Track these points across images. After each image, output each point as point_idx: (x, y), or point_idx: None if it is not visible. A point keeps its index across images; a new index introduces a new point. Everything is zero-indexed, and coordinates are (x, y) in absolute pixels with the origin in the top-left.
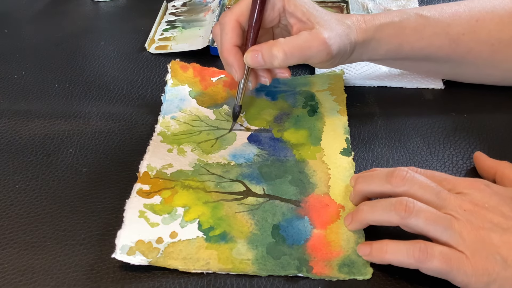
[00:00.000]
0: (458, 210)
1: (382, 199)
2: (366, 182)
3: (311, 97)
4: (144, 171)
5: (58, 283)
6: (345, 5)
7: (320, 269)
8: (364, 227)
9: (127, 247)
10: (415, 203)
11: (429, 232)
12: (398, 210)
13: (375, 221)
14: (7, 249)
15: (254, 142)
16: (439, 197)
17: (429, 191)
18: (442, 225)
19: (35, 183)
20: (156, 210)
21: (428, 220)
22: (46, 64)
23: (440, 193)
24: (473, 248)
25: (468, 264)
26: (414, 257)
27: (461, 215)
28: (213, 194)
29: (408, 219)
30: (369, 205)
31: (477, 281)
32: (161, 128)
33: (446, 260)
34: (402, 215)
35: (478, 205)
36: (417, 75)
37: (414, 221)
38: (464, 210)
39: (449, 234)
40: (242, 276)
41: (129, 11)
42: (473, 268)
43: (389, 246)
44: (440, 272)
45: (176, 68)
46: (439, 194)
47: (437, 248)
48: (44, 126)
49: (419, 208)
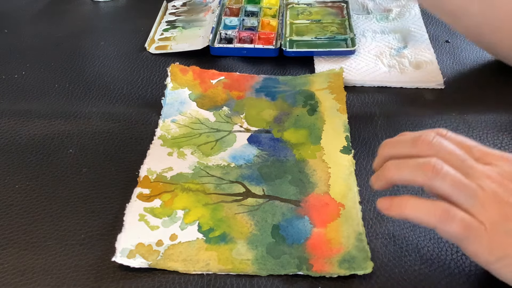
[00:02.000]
0: (486, 180)
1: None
2: (392, 146)
3: (310, 96)
4: (144, 175)
5: (58, 283)
6: (345, 5)
7: (320, 266)
8: (389, 187)
9: (127, 250)
10: (443, 165)
11: (453, 197)
12: (425, 170)
13: (401, 180)
14: (7, 249)
15: (254, 143)
16: (465, 165)
17: (455, 157)
18: (467, 192)
19: (35, 183)
20: (156, 213)
21: (454, 184)
22: (46, 64)
23: (466, 161)
24: (493, 220)
25: (486, 235)
26: (436, 216)
27: (488, 185)
28: (212, 196)
29: (434, 180)
30: (395, 163)
31: (490, 253)
32: (162, 132)
33: (465, 226)
34: (429, 175)
35: (506, 178)
36: (417, 75)
37: (440, 183)
38: (492, 181)
39: (472, 202)
40: (242, 276)
41: (129, 11)
42: (489, 241)
43: (410, 201)
44: (456, 237)
45: (176, 71)
46: (465, 162)
47: (459, 213)
48: (44, 126)
49: (447, 171)
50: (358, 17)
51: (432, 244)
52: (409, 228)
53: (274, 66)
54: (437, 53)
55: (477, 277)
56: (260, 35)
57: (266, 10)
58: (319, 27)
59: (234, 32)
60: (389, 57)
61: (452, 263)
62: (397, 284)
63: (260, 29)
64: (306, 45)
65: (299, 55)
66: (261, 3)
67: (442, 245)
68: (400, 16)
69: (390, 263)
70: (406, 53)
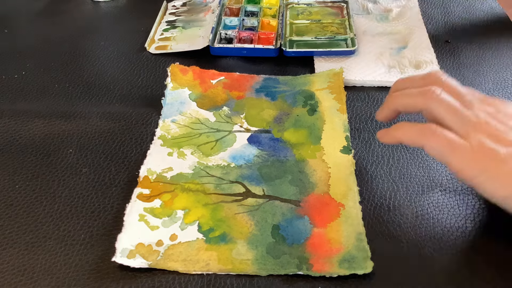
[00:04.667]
0: (481, 111)
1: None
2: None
3: (310, 96)
4: (144, 175)
5: (58, 283)
6: (345, 5)
7: (320, 266)
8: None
9: (127, 250)
10: (443, 92)
11: (445, 120)
12: (424, 94)
13: (403, 105)
14: (7, 249)
15: (254, 143)
16: (465, 99)
17: (458, 92)
18: (460, 117)
19: (35, 183)
20: (156, 214)
21: (449, 108)
22: (46, 64)
23: (467, 96)
24: (479, 140)
25: (470, 151)
26: (424, 134)
27: (482, 116)
28: (212, 196)
29: (431, 103)
30: (401, 92)
31: (472, 167)
32: (162, 132)
33: (449, 141)
34: (427, 98)
35: (500, 113)
36: None
37: (436, 106)
38: (486, 113)
39: (463, 125)
40: (242, 276)
41: (129, 11)
42: (473, 156)
43: (402, 124)
44: (441, 152)
45: (176, 71)
46: (466, 96)
47: (445, 131)
48: (44, 126)
49: (444, 97)
50: (358, 17)
51: (432, 244)
52: (409, 228)
53: (274, 66)
54: (437, 53)
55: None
56: (260, 35)
57: (266, 10)
58: (319, 27)
59: (234, 32)
60: (389, 57)
61: (452, 263)
62: (397, 284)
63: (260, 29)
64: (306, 45)
65: (299, 55)
66: (261, 3)
67: (442, 244)
68: (400, 16)
69: (390, 263)
70: (406, 53)
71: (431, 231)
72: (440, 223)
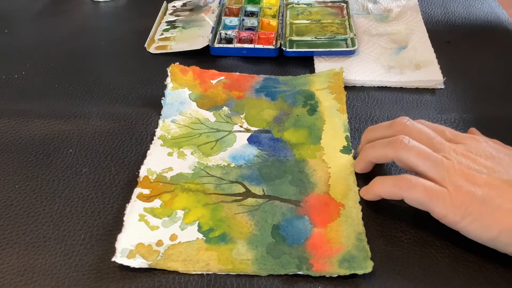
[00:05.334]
0: (451, 152)
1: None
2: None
3: (310, 96)
4: (144, 175)
5: (58, 283)
6: (345, 5)
7: (320, 266)
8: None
9: (127, 250)
10: (410, 140)
11: (419, 167)
12: (393, 144)
13: (375, 157)
14: (7, 249)
15: (254, 143)
16: (435, 141)
17: (426, 136)
18: (432, 161)
19: (35, 183)
20: (156, 214)
21: (419, 154)
22: (46, 64)
23: (436, 138)
24: (456, 183)
25: (449, 197)
26: (400, 186)
27: (453, 156)
28: (212, 196)
29: (401, 152)
30: (370, 144)
31: (454, 213)
32: (161, 132)
33: (427, 191)
34: (396, 148)
35: (471, 152)
36: (417, 75)
37: (406, 154)
38: (457, 154)
39: (437, 170)
40: (242, 276)
41: (129, 11)
42: (452, 201)
43: (377, 180)
44: (421, 202)
45: (176, 71)
46: (435, 139)
47: (421, 180)
48: (44, 126)
49: (413, 144)
50: (358, 17)
51: (432, 244)
52: (409, 228)
53: (274, 66)
54: (437, 53)
55: (477, 277)
56: (260, 35)
57: (266, 10)
58: (319, 27)
59: (234, 32)
60: (389, 57)
61: (452, 263)
62: (397, 284)
63: (260, 29)
64: (306, 45)
65: (299, 55)
66: (261, 3)
67: (442, 244)
68: (400, 16)
69: (390, 263)
70: (406, 53)
71: (431, 231)
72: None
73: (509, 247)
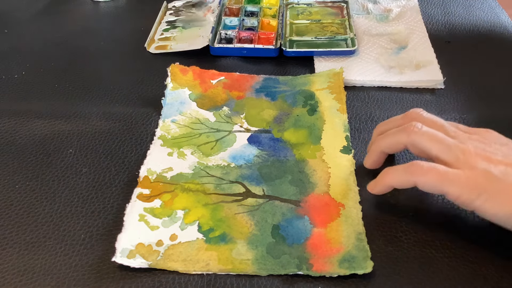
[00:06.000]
0: (466, 139)
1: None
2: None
3: (310, 96)
4: (144, 175)
5: (58, 283)
6: (345, 5)
7: (320, 266)
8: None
9: (127, 250)
10: (423, 126)
11: (432, 150)
12: (406, 130)
13: (388, 145)
14: (7, 249)
15: (254, 143)
16: (449, 130)
17: (439, 124)
18: (445, 145)
19: (35, 183)
20: (156, 214)
21: (433, 138)
22: (46, 64)
23: (450, 128)
24: (471, 164)
25: (464, 177)
26: (412, 173)
27: (468, 142)
28: (212, 196)
29: (414, 137)
30: (381, 135)
31: (470, 192)
32: (162, 132)
33: (440, 174)
34: (409, 132)
35: (486, 139)
36: (417, 75)
37: (420, 139)
38: (472, 140)
39: (451, 153)
40: (242, 276)
41: (129, 11)
42: (467, 181)
43: (388, 170)
44: (435, 186)
45: (176, 71)
46: (449, 128)
47: (433, 165)
48: (44, 126)
49: (426, 129)
50: (358, 17)
51: (432, 244)
52: (409, 228)
53: (274, 66)
54: (437, 53)
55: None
56: (260, 35)
57: (266, 10)
58: (319, 27)
59: (234, 32)
60: (389, 57)
61: (452, 263)
62: (397, 284)
63: (260, 29)
64: (306, 45)
65: (299, 55)
66: (261, 3)
67: (442, 244)
68: (400, 16)
69: (390, 263)
70: (406, 53)
71: (431, 231)
72: (440, 223)
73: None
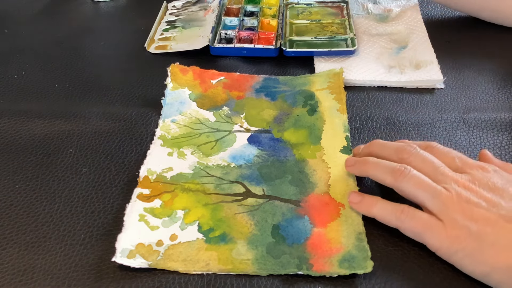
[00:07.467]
0: (453, 184)
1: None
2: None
3: (310, 96)
4: (144, 175)
5: (58, 283)
6: (345, 5)
7: (320, 266)
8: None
9: (127, 250)
10: (411, 170)
11: (417, 198)
12: (394, 174)
13: (373, 176)
14: (7, 249)
15: (254, 143)
16: (438, 171)
17: (430, 166)
18: (430, 193)
19: (35, 183)
20: (156, 214)
21: (418, 185)
22: (46, 64)
23: (440, 168)
24: (452, 217)
25: (443, 231)
26: (396, 215)
27: (453, 188)
28: (212, 196)
29: (401, 182)
30: (375, 161)
31: (448, 246)
32: (162, 132)
33: (422, 223)
34: (396, 178)
35: (474, 184)
36: (417, 75)
37: (405, 185)
38: (458, 185)
39: (435, 202)
40: (242, 276)
41: (129, 11)
42: (447, 235)
43: (379, 202)
44: (416, 233)
45: (176, 71)
46: (438, 169)
47: (418, 213)
48: (44, 126)
49: (413, 174)
50: (358, 17)
51: None
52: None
53: (274, 66)
54: (437, 53)
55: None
56: (260, 35)
57: (266, 10)
58: (319, 27)
59: (234, 32)
60: (389, 57)
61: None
62: (397, 284)
63: (260, 29)
64: (306, 45)
65: (299, 55)
66: (261, 3)
67: None
68: (400, 16)
69: (390, 263)
70: (406, 53)
71: None
72: None
73: (501, 285)
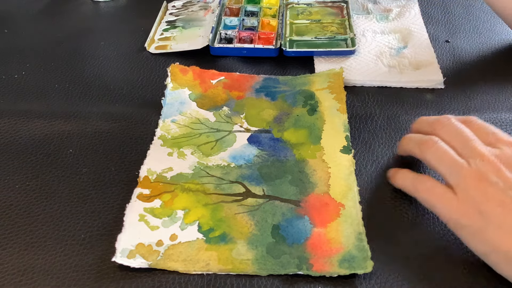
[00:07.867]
0: (477, 159)
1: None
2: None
3: (310, 96)
4: (144, 175)
5: (58, 283)
6: (345, 5)
7: (320, 266)
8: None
9: (127, 250)
10: (439, 142)
11: (439, 170)
12: (421, 145)
13: (406, 151)
14: (7, 249)
15: (254, 143)
16: (467, 145)
17: (460, 138)
18: (451, 168)
19: (35, 183)
20: (156, 214)
21: (441, 158)
22: (46, 64)
23: (471, 142)
24: (466, 193)
25: (456, 205)
26: (414, 185)
27: (476, 164)
28: (212, 196)
29: (426, 153)
30: (407, 137)
31: (455, 221)
32: (162, 132)
33: (436, 196)
34: (422, 149)
35: (500, 161)
36: (417, 75)
37: (430, 157)
38: (483, 160)
39: (453, 176)
40: (242, 276)
41: (129, 11)
42: (458, 209)
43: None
44: (429, 204)
45: (176, 71)
46: (469, 142)
47: (435, 185)
48: (44, 126)
49: (439, 146)
50: (358, 17)
51: (432, 244)
52: (409, 228)
53: (274, 66)
54: (437, 53)
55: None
56: (260, 35)
57: (266, 10)
58: (319, 27)
59: (234, 32)
60: (389, 57)
61: (452, 263)
62: (397, 284)
63: (260, 29)
64: (306, 45)
65: (299, 55)
66: (261, 3)
67: (442, 244)
68: (400, 16)
69: (390, 263)
70: (406, 53)
71: (431, 231)
72: (440, 223)
73: (497, 266)
